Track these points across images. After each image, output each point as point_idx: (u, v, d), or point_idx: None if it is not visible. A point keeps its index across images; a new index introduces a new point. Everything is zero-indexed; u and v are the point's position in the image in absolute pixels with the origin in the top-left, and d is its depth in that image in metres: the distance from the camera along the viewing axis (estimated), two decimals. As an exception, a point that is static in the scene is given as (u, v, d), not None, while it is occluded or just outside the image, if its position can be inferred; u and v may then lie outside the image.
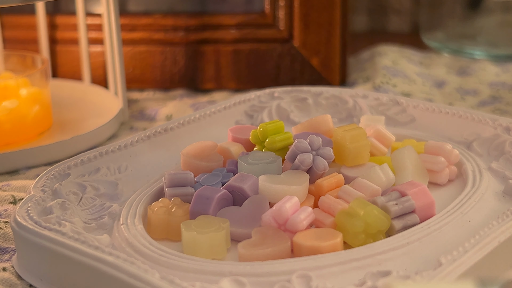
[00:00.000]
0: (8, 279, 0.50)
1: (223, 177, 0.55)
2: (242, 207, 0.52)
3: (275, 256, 0.47)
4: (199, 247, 0.48)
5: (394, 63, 0.87)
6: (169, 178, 0.55)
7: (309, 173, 0.54)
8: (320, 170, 0.54)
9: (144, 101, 0.82)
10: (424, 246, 0.49)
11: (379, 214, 0.49)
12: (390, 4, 1.07)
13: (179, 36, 0.84)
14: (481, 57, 0.92)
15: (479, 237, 0.47)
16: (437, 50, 0.95)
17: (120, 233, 0.51)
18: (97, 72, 0.84)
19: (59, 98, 0.79)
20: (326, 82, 0.83)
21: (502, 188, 0.55)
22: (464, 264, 0.45)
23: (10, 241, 0.55)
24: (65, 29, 0.85)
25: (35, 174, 0.66)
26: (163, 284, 0.43)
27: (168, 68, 0.85)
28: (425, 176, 0.57)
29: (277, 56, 0.83)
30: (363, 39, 1.00)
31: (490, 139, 0.61)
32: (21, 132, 0.70)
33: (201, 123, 0.66)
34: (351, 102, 0.69)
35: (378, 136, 0.60)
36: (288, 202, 0.49)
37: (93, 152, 0.59)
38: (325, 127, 0.61)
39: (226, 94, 0.83)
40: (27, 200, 0.53)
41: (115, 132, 0.75)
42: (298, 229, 0.49)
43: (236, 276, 0.45)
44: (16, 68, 0.75)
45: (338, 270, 0.46)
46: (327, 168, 0.54)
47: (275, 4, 0.83)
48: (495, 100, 0.80)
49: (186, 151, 0.58)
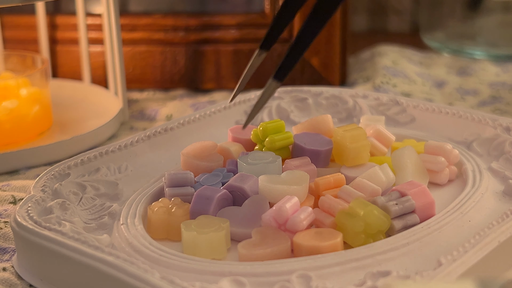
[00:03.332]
0: (8, 279, 0.50)
1: (223, 177, 0.55)
2: (242, 207, 0.52)
3: (275, 256, 0.47)
4: (199, 247, 0.48)
5: (394, 63, 0.87)
6: (169, 178, 0.55)
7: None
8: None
9: (144, 101, 0.82)
10: (424, 246, 0.49)
11: (379, 214, 0.49)
12: (390, 4, 1.07)
13: (179, 36, 0.84)
14: (481, 57, 0.91)
15: (479, 237, 0.47)
16: (437, 50, 0.95)
17: (120, 233, 0.51)
18: (97, 72, 0.84)
19: (59, 98, 0.79)
20: (326, 82, 0.83)
21: (502, 188, 0.55)
22: (464, 264, 0.45)
23: (10, 241, 0.55)
24: (65, 29, 0.85)
25: (35, 174, 0.66)
26: (163, 284, 0.43)
27: (168, 68, 0.85)
28: (425, 176, 0.57)
29: (277, 56, 0.83)
30: (363, 39, 1.00)
31: (490, 139, 0.61)
32: (21, 132, 0.70)
33: (201, 123, 0.66)
34: (351, 102, 0.69)
35: (378, 136, 0.60)
36: (288, 202, 0.49)
37: (93, 152, 0.59)
38: (325, 127, 0.61)
39: (226, 94, 0.83)
40: (27, 200, 0.53)
41: (115, 132, 0.75)
42: (298, 229, 0.49)
43: (236, 276, 0.45)
44: (16, 68, 0.75)
45: (338, 270, 0.46)
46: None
47: (275, 4, 0.83)
48: (495, 100, 0.80)
49: (186, 151, 0.58)
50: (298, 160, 0.56)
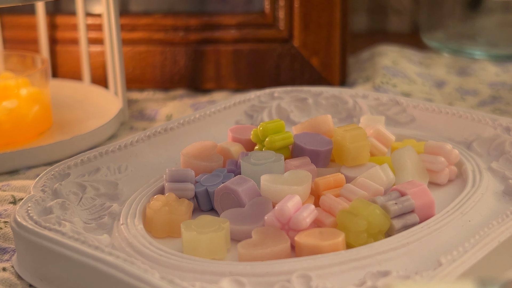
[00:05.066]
0: (8, 279, 0.50)
1: (223, 177, 0.55)
2: (245, 207, 0.52)
3: (275, 256, 0.47)
4: (199, 247, 0.48)
5: (394, 63, 0.87)
6: (170, 174, 0.55)
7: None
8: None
9: (144, 101, 0.82)
10: (424, 246, 0.49)
11: (381, 214, 0.49)
12: (390, 4, 1.07)
13: (179, 36, 0.84)
14: (481, 57, 0.92)
15: (479, 237, 0.47)
16: (437, 50, 0.95)
17: (120, 233, 0.51)
18: (97, 72, 0.84)
19: (59, 98, 0.79)
20: (326, 82, 0.83)
21: (502, 188, 0.55)
22: (464, 264, 0.45)
23: (10, 241, 0.55)
24: (65, 29, 0.85)
25: (35, 174, 0.66)
26: (163, 284, 0.43)
27: (168, 68, 0.85)
28: (425, 176, 0.57)
29: (277, 56, 0.83)
30: (363, 39, 1.00)
31: (490, 139, 0.61)
32: (21, 132, 0.70)
33: (201, 123, 0.66)
34: (351, 102, 0.69)
35: (378, 136, 0.60)
36: (290, 201, 0.49)
37: (93, 152, 0.59)
38: (325, 127, 0.60)
39: (226, 94, 0.83)
40: (27, 200, 0.53)
41: (115, 132, 0.75)
42: (301, 227, 0.49)
43: (236, 276, 0.45)
44: (16, 68, 0.75)
45: (338, 270, 0.46)
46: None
47: (275, 4, 0.83)
48: (495, 100, 0.80)
49: (186, 151, 0.58)
50: (298, 160, 0.56)
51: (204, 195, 0.55)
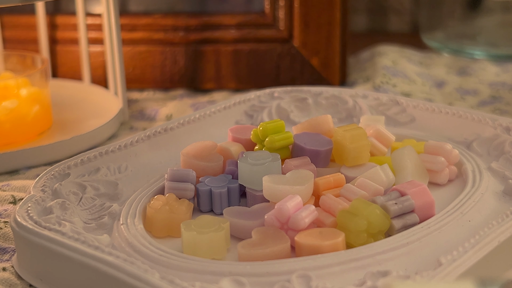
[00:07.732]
0: (8, 279, 0.50)
1: (229, 182, 0.55)
2: (250, 208, 0.53)
3: (275, 256, 0.47)
4: (199, 247, 0.48)
5: (394, 63, 0.87)
6: (171, 173, 0.55)
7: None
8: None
9: (144, 101, 0.82)
10: (424, 246, 0.49)
11: (381, 214, 0.49)
12: (390, 4, 1.07)
13: (179, 36, 0.84)
14: (481, 57, 0.92)
15: (479, 237, 0.47)
16: (437, 50, 0.95)
17: (120, 233, 0.51)
18: (97, 72, 0.84)
19: (59, 98, 0.79)
20: (326, 82, 0.83)
21: (502, 188, 0.55)
22: (464, 264, 0.45)
23: (10, 241, 0.55)
24: (65, 29, 0.85)
25: (35, 174, 0.66)
26: (163, 284, 0.43)
27: (168, 68, 0.85)
28: (425, 176, 0.57)
29: (277, 56, 0.83)
30: (363, 39, 1.00)
31: (490, 139, 0.61)
32: (21, 132, 0.70)
33: (201, 123, 0.66)
34: (351, 102, 0.69)
35: (378, 136, 0.60)
36: (290, 201, 0.49)
37: (93, 152, 0.59)
38: (325, 127, 0.60)
39: (226, 94, 0.83)
40: (27, 200, 0.53)
41: (115, 132, 0.75)
42: (300, 227, 0.49)
43: (236, 276, 0.45)
44: (16, 68, 0.75)
45: (338, 270, 0.46)
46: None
47: (275, 4, 0.83)
48: (495, 100, 0.80)
49: (186, 151, 0.58)
50: (298, 160, 0.56)
51: (207, 195, 0.55)
